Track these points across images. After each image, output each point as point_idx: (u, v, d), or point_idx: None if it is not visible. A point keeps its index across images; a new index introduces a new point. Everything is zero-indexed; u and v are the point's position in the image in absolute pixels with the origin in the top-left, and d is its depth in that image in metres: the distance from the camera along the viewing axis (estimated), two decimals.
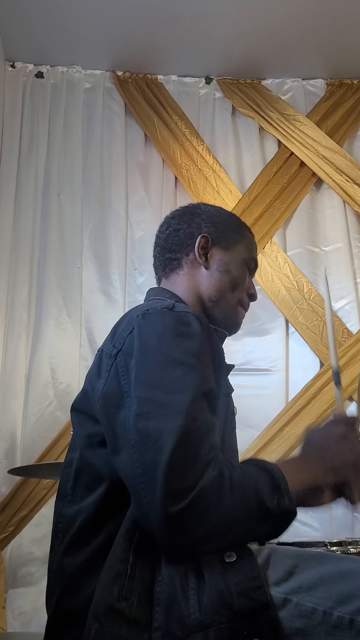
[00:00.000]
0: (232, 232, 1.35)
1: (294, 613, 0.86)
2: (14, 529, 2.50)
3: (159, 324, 1.04)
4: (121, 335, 1.06)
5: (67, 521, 1.03)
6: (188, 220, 1.35)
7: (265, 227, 2.95)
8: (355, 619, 0.83)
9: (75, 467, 1.07)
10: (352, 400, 2.77)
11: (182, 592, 0.88)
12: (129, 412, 0.96)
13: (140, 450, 0.91)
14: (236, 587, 0.86)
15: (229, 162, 3.11)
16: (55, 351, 2.73)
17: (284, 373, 2.81)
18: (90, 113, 3.10)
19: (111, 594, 0.89)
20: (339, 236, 3.00)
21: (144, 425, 0.92)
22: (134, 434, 0.93)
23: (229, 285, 1.30)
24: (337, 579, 0.87)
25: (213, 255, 1.31)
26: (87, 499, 1.01)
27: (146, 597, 0.89)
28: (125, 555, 0.92)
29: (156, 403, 0.94)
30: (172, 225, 1.37)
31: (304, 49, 3.04)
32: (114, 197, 2.99)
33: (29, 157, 2.98)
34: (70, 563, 0.99)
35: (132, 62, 3.13)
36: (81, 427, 1.09)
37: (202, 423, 0.94)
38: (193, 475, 0.88)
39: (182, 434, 0.90)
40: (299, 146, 3.06)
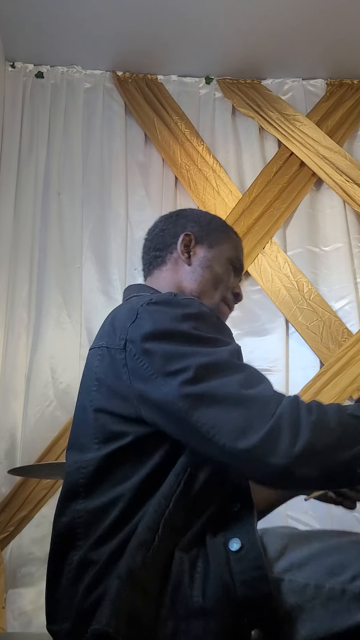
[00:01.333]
0: (216, 232, 1.37)
1: (287, 590, 0.88)
2: (14, 529, 2.50)
3: (169, 309, 1.06)
4: (124, 327, 1.06)
5: (89, 516, 1.02)
6: (174, 221, 1.39)
7: (265, 227, 2.95)
8: (346, 588, 0.85)
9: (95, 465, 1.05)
10: (352, 399, 2.77)
11: (189, 576, 0.90)
12: (165, 388, 0.96)
13: (199, 410, 0.92)
14: (239, 576, 0.88)
15: (229, 162, 3.11)
16: (55, 351, 2.73)
17: (284, 373, 2.81)
18: (90, 113, 3.10)
19: (135, 559, 0.91)
20: (339, 236, 3.00)
21: (192, 389, 0.94)
22: (183, 402, 0.94)
23: (211, 281, 1.31)
24: (325, 554, 0.90)
25: (196, 253, 1.33)
26: (119, 488, 1.01)
27: (162, 572, 0.91)
28: (154, 525, 0.93)
29: (196, 367, 0.96)
30: (159, 226, 1.41)
31: (304, 49, 3.04)
32: (114, 197, 2.99)
33: (29, 157, 2.98)
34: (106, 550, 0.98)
35: (132, 62, 3.13)
36: (114, 427, 1.06)
37: (253, 369, 0.99)
38: (269, 405, 0.91)
39: (240, 378, 0.94)
40: (299, 146, 3.06)
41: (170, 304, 1.07)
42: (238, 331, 2.85)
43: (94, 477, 1.05)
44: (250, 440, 0.88)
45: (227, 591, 0.87)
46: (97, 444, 1.06)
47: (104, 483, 1.04)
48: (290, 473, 0.89)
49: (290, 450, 0.87)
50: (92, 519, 1.02)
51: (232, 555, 0.90)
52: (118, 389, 1.05)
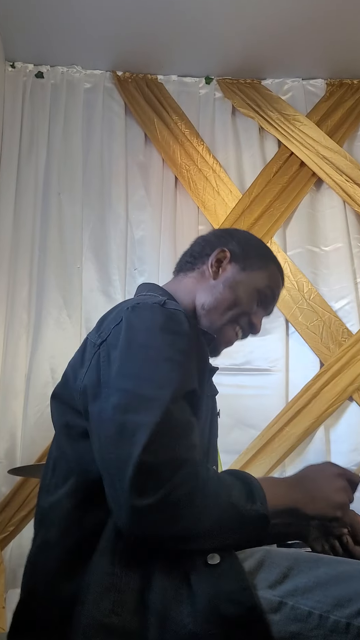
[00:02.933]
0: (255, 258, 1.32)
1: (290, 616, 0.84)
2: (14, 529, 2.50)
3: (148, 318, 1.03)
4: (108, 327, 1.05)
5: (44, 512, 1.03)
6: (219, 236, 1.37)
7: (265, 227, 2.95)
8: (351, 623, 0.82)
9: (53, 456, 1.06)
10: (352, 400, 2.77)
11: (176, 601, 0.86)
12: (105, 404, 0.95)
13: (115, 442, 0.90)
14: (223, 592, 0.85)
15: (229, 162, 3.11)
16: (55, 351, 2.73)
17: (284, 373, 2.81)
18: (90, 113, 3.10)
19: (99, 609, 0.86)
20: (339, 236, 3.00)
21: (121, 417, 0.91)
22: (110, 425, 0.92)
23: (227, 302, 1.26)
24: (333, 582, 0.86)
25: (226, 271, 1.29)
26: (61, 490, 1.00)
27: (139, 607, 0.87)
28: (110, 568, 0.89)
29: (136, 396, 0.93)
30: (206, 237, 1.40)
31: (304, 49, 3.04)
32: (114, 197, 2.99)
33: (29, 157, 2.98)
34: (42, 561, 0.97)
35: (132, 62, 3.13)
36: (60, 415, 1.08)
37: (181, 422, 0.93)
38: (165, 472, 0.87)
39: (159, 429, 0.88)
40: (299, 146, 3.06)
41: (152, 311, 1.05)
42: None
43: (52, 470, 1.05)
44: (142, 501, 0.85)
45: (214, 609, 0.83)
46: (59, 434, 1.08)
47: (55, 478, 1.03)
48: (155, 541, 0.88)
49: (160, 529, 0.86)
50: (43, 518, 1.02)
51: (212, 570, 0.87)
52: (73, 379, 1.06)
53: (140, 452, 0.86)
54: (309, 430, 2.68)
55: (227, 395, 2.78)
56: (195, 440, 0.94)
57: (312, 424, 2.68)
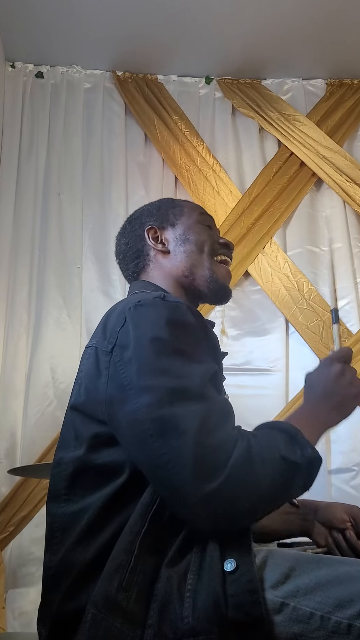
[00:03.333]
0: (169, 211, 1.39)
1: (291, 617, 0.85)
2: (14, 529, 2.50)
3: (153, 314, 1.04)
4: (114, 330, 1.05)
5: (66, 520, 1.02)
6: (130, 228, 1.42)
7: (265, 227, 2.95)
8: (353, 624, 0.82)
9: (72, 468, 1.05)
10: None
11: (179, 593, 0.87)
12: (137, 404, 0.95)
13: (162, 438, 0.91)
14: (232, 599, 0.85)
15: (229, 162, 3.11)
16: (55, 351, 2.73)
17: (284, 373, 2.81)
18: (90, 113, 3.10)
19: (111, 583, 0.89)
20: (339, 236, 3.00)
21: (158, 412, 0.92)
22: (150, 424, 0.92)
23: (194, 250, 1.32)
24: (335, 583, 0.86)
25: (167, 239, 1.35)
26: (92, 497, 1.00)
27: (145, 592, 0.89)
28: (130, 547, 0.92)
29: (166, 389, 0.94)
30: (122, 241, 1.44)
31: (304, 49, 3.04)
32: (114, 197, 2.99)
33: (29, 157, 2.98)
34: (79, 560, 0.97)
35: (132, 62, 3.13)
36: (84, 427, 1.07)
37: (217, 402, 0.96)
38: (223, 452, 0.89)
39: (202, 414, 0.91)
40: (299, 146, 3.06)
41: (156, 307, 1.06)
42: (238, 331, 2.85)
43: (72, 480, 1.05)
44: (207, 486, 0.87)
45: (219, 612, 0.84)
46: (75, 444, 1.07)
47: (80, 488, 1.03)
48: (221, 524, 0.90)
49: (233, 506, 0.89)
50: (68, 524, 1.02)
51: (227, 576, 0.87)
52: (94, 390, 1.05)
53: (193, 440, 0.88)
54: None
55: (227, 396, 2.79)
56: (232, 415, 0.98)
57: None
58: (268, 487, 0.91)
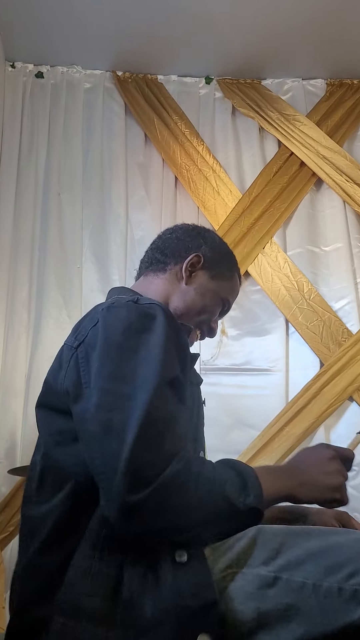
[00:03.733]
0: (225, 268, 1.38)
1: (285, 589, 0.88)
2: (14, 529, 2.50)
3: (123, 317, 1.05)
4: (85, 328, 1.07)
5: (34, 522, 1.03)
6: (193, 235, 1.39)
7: (265, 227, 2.95)
8: (342, 587, 0.85)
9: (40, 467, 1.06)
10: (352, 400, 2.77)
11: (141, 592, 0.89)
12: (87, 404, 0.96)
13: (101, 441, 0.91)
14: (186, 587, 0.87)
15: (229, 162, 3.11)
16: (55, 351, 2.67)
17: (284, 373, 2.81)
18: (90, 113, 3.10)
19: (76, 590, 0.90)
20: (339, 236, 3.00)
21: (105, 416, 0.92)
22: (95, 425, 0.93)
23: (197, 308, 1.32)
24: (323, 552, 0.89)
25: (197, 277, 1.34)
26: (56, 498, 1.01)
27: (110, 594, 0.90)
28: (92, 552, 0.93)
29: (118, 394, 0.94)
30: (177, 232, 1.41)
31: (304, 49, 3.04)
32: (114, 197, 2.99)
33: (29, 157, 2.98)
34: (46, 564, 0.98)
35: (132, 62, 3.13)
36: (49, 423, 1.08)
37: (166, 413, 0.94)
38: (156, 466, 0.88)
39: (144, 424, 0.90)
40: (299, 146, 3.06)
41: (128, 310, 1.06)
42: (238, 331, 2.85)
43: (40, 480, 1.05)
44: (134, 497, 0.86)
45: (175, 601, 0.87)
46: (48, 442, 1.07)
47: (48, 487, 1.04)
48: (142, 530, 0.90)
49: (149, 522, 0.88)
50: (35, 527, 1.02)
51: (179, 567, 0.90)
52: (54, 384, 1.07)
53: (128, 448, 0.87)
54: (309, 430, 2.68)
55: (227, 395, 2.78)
56: (181, 430, 0.96)
57: (312, 424, 2.68)
58: (198, 515, 0.90)
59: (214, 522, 0.91)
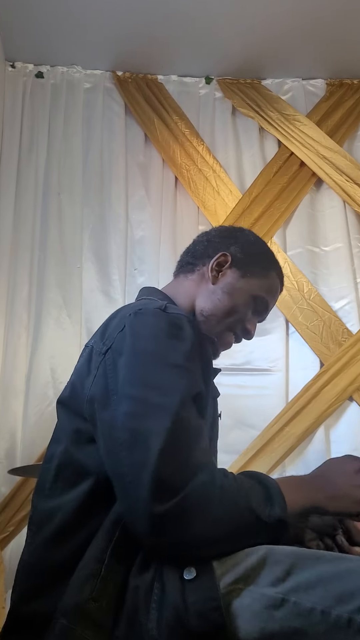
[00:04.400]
0: (258, 265, 1.33)
1: (292, 613, 0.85)
2: (14, 529, 2.50)
3: (151, 324, 1.04)
4: (112, 334, 1.06)
5: (43, 515, 1.03)
6: (224, 236, 1.37)
7: (265, 227, 2.95)
8: (353, 618, 0.83)
9: (57, 462, 1.06)
10: (352, 400, 2.77)
11: (145, 604, 0.87)
12: (115, 412, 0.95)
13: (129, 449, 0.91)
14: (193, 607, 0.85)
15: (229, 162, 3.11)
16: (55, 351, 2.73)
17: (284, 373, 2.81)
18: (90, 113, 3.10)
19: (82, 593, 0.89)
20: (339, 236, 3.00)
21: (133, 424, 0.92)
22: (123, 433, 0.92)
23: (225, 309, 1.28)
24: (335, 579, 0.87)
25: (225, 276, 1.30)
26: (69, 495, 1.01)
27: (115, 603, 0.89)
28: (101, 555, 0.91)
29: (147, 403, 0.94)
30: (209, 234, 1.39)
31: (304, 49, 3.04)
32: (114, 197, 2.99)
33: (29, 157, 2.98)
34: (50, 559, 0.97)
35: (132, 62, 3.13)
36: (69, 422, 1.08)
37: (192, 426, 0.94)
38: (182, 477, 0.87)
39: (172, 435, 0.89)
40: (299, 146, 3.06)
41: (156, 317, 1.05)
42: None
43: (56, 474, 1.05)
44: (160, 507, 0.86)
45: (181, 622, 0.84)
46: (62, 438, 1.08)
47: (60, 482, 1.04)
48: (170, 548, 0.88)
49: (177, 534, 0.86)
50: (45, 519, 1.02)
51: (186, 585, 0.87)
52: (80, 387, 1.06)
53: (155, 458, 0.87)
54: (309, 431, 2.68)
55: (227, 396, 2.76)
56: (206, 443, 0.96)
57: (312, 424, 2.68)
58: (224, 527, 0.89)
59: (241, 534, 0.90)
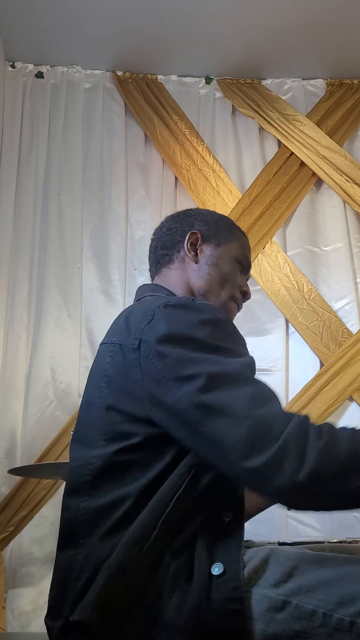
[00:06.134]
0: (224, 231, 1.37)
1: (294, 615, 0.85)
2: (14, 529, 2.50)
3: (185, 314, 1.05)
4: (139, 326, 1.05)
5: (93, 513, 1.01)
6: (181, 220, 1.39)
7: (265, 227, 2.95)
8: (355, 622, 0.82)
9: (101, 463, 1.03)
10: (352, 400, 2.77)
11: (171, 587, 0.88)
12: (176, 395, 0.95)
13: (209, 422, 0.91)
14: (215, 604, 0.86)
15: (229, 162, 3.11)
16: (55, 351, 2.73)
17: (284, 373, 2.81)
18: (90, 113, 3.10)
19: (129, 552, 0.90)
20: (339, 236, 3.00)
21: (201, 399, 0.92)
22: (195, 411, 0.92)
23: (218, 279, 1.31)
24: (337, 581, 0.87)
25: (203, 251, 1.33)
26: (125, 488, 0.99)
27: (149, 573, 0.90)
28: (152, 522, 0.93)
29: (207, 376, 0.94)
30: (165, 225, 1.41)
31: (304, 49, 3.04)
32: (114, 197, 2.99)
33: (29, 157, 2.98)
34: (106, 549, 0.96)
35: (132, 62, 3.13)
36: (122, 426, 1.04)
37: (264, 385, 0.95)
38: (278, 424, 0.88)
39: (249, 394, 0.91)
40: (299, 146, 3.06)
41: (187, 308, 1.07)
42: None
43: (100, 475, 1.03)
44: (256, 460, 0.86)
45: (199, 614, 0.85)
46: (105, 441, 1.05)
47: (110, 482, 1.02)
48: (293, 498, 0.88)
49: (294, 476, 0.85)
50: (97, 517, 1.00)
51: (213, 579, 0.88)
52: (130, 389, 1.03)
53: (244, 415, 0.88)
54: None
55: None
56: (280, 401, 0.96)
57: None
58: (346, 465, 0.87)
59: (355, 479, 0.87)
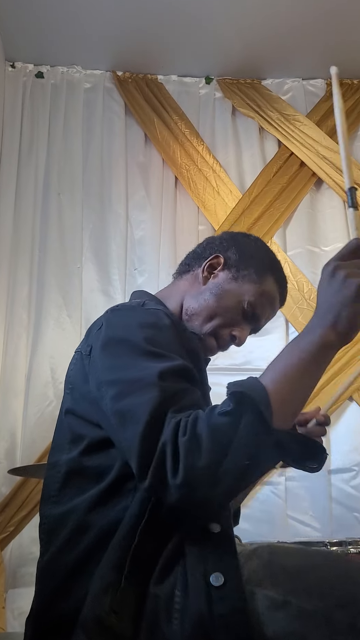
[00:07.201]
0: (252, 270, 1.25)
1: (294, 615, 0.84)
2: (14, 529, 2.50)
3: (126, 317, 1.07)
4: (92, 333, 1.09)
5: (54, 521, 1.02)
6: (225, 239, 1.33)
7: (265, 227, 2.95)
8: (354, 622, 0.82)
9: (66, 468, 1.05)
10: (352, 400, 2.77)
11: (166, 613, 0.85)
12: (105, 400, 0.97)
13: (122, 428, 0.92)
14: (219, 620, 0.83)
15: (229, 162, 3.11)
16: (55, 351, 2.73)
17: None
18: (90, 113, 3.10)
19: (101, 604, 0.87)
20: (339, 236, 2.99)
21: (118, 405, 0.94)
22: (114, 417, 0.94)
23: (211, 309, 1.22)
24: (337, 582, 0.87)
25: (217, 277, 1.25)
26: (77, 499, 1.00)
27: (135, 613, 0.87)
28: (120, 563, 0.90)
29: (124, 382, 0.95)
30: (212, 238, 1.38)
31: (304, 49, 3.04)
32: (114, 197, 2.99)
33: (29, 157, 2.98)
34: (63, 563, 0.97)
35: (132, 62, 3.13)
36: (79, 429, 1.07)
37: (175, 390, 0.93)
38: (156, 436, 0.88)
39: (155, 402, 0.90)
40: (299, 146, 3.06)
41: (132, 310, 1.08)
42: None
43: (64, 481, 1.05)
44: (146, 481, 0.87)
45: (205, 632, 0.82)
46: (69, 444, 1.07)
47: (69, 489, 1.03)
48: (192, 502, 0.87)
49: (174, 483, 0.84)
50: (56, 525, 1.01)
51: (213, 592, 0.85)
52: (85, 393, 1.06)
53: (142, 427, 0.88)
54: None
55: None
56: (196, 397, 0.95)
57: None
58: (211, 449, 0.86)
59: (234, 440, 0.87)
